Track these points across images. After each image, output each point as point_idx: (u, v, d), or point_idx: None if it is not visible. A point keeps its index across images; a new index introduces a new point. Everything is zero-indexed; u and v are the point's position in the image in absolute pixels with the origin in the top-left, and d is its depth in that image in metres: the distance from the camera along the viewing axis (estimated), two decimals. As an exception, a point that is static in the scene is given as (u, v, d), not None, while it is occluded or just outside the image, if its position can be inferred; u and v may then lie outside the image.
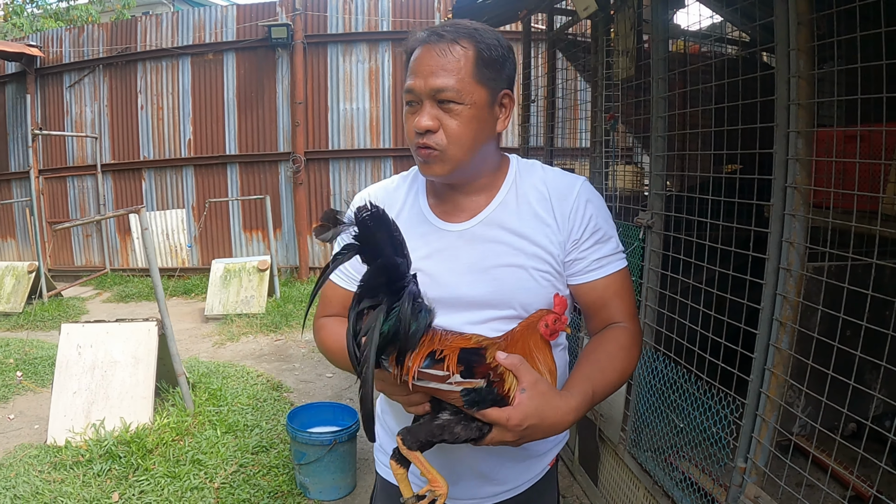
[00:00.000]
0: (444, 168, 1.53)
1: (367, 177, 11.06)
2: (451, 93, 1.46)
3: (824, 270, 2.33)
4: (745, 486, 2.47)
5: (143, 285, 10.67)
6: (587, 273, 1.62)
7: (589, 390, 1.44)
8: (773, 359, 2.39)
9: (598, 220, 1.62)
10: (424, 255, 1.59)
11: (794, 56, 2.22)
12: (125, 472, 4.13)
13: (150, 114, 11.33)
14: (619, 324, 1.63)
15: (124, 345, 4.86)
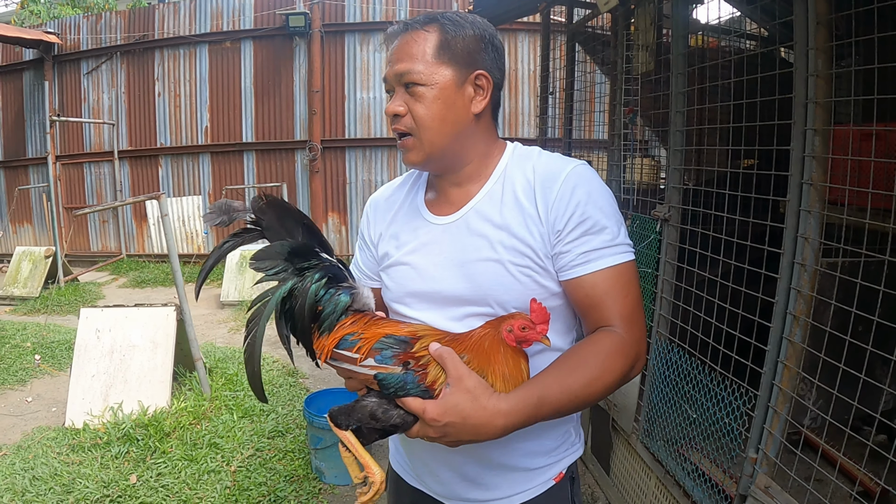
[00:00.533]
0: (419, 155, 1.51)
1: (384, 165, 11.11)
2: (414, 75, 1.46)
3: (838, 266, 2.36)
4: (756, 477, 2.50)
5: (158, 271, 10.77)
6: (573, 268, 1.45)
7: (533, 396, 1.29)
8: (785, 352, 2.43)
9: (586, 208, 1.44)
10: (412, 250, 1.59)
11: (813, 55, 2.24)
12: (143, 455, 4.21)
13: (167, 101, 11.42)
14: (610, 328, 1.44)
15: (143, 329, 4.93)
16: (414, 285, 1.55)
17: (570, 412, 1.40)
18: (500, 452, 1.52)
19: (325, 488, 4.10)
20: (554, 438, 1.60)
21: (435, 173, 1.62)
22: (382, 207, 1.74)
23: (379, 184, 11.07)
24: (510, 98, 10.95)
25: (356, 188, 11.21)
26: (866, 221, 2.16)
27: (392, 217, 1.69)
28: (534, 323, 1.34)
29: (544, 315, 1.35)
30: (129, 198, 11.22)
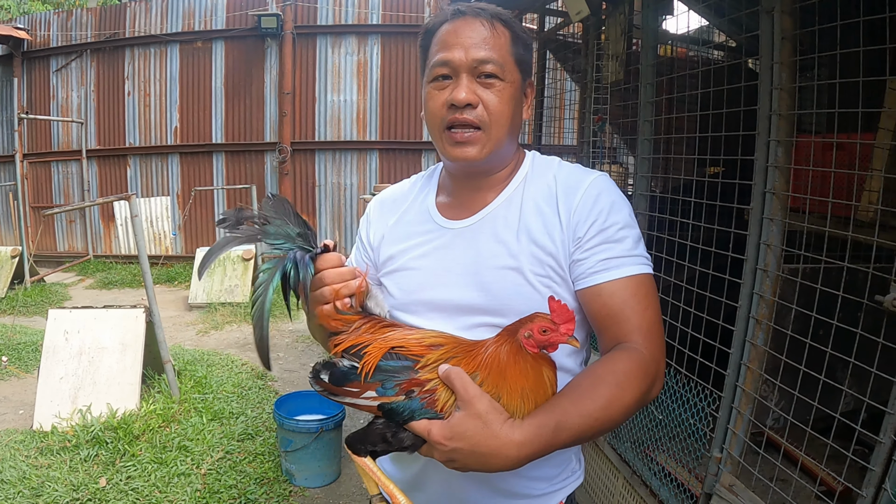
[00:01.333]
0: (484, 150, 1.40)
1: (353, 169, 11.10)
2: (496, 66, 1.37)
3: (799, 272, 2.44)
4: (721, 475, 2.58)
5: (126, 272, 10.66)
6: (591, 276, 1.37)
7: (550, 423, 1.17)
8: (748, 354, 2.51)
9: (609, 216, 1.38)
10: (422, 254, 1.50)
11: (777, 69, 2.33)
12: (112, 458, 4.18)
13: (136, 100, 11.31)
14: (628, 344, 1.33)
15: (112, 331, 4.90)
16: (423, 292, 1.45)
17: (590, 438, 1.27)
18: (502, 478, 1.41)
19: (295, 491, 4.12)
20: (556, 465, 1.50)
21: (469, 174, 1.50)
22: (388, 209, 1.65)
23: (348, 187, 11.09)
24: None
25: (325, 191, 11.19)
26: (826, 229, 2.24)
27: (398, 219, 1.60)
28: (556, 323, 1.21)
29: (567, 313, 1.21)
30: (97, 198, 11.11)
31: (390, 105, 10.98)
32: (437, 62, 1.39)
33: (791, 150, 2.41)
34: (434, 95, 1.41)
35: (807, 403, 2.24)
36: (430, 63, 1.42)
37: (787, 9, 2.31)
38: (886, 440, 1.92)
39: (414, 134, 11.04)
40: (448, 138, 1.40)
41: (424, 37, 1.48)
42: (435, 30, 1.44)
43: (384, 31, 10.81)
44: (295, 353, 7.00)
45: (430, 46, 1.44)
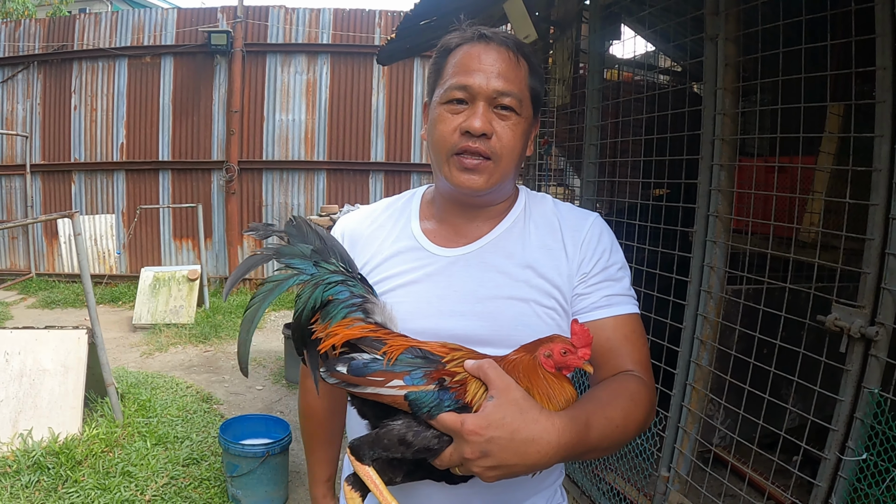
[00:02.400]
0: (490, 180, 1.36)
1: (301, 189, 11.01)
2: (514, 99, 1.34)
3: (742, 293, 2.49)
4: (669, 494, 2.61)
5: (69, 291, 10.38)
6: (595, 310, 1.39)
7: (582, 417, 1.15)
8: (693, 374, 2.56)
9: (611, 255, 1.43)
10: (410, 281, 1.43)
11: (721, 95, 2.39)
12: (54, 484, 4.04)
13: (83, 115, 11.04)
14: (631, 372, 1.36)
15: (54, 353, 4.75)
16: (415, 321, 1.36)
17: (610, 447, 1.25)
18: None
19: (242, 516, 4.04)
20: (545, 498, 1.47)
21: (469, 203, 1.46)
22: (363, 234, 1.56)
23: (296, 207, 10.99)
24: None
25: (272, 210, 11.06)
26: (769, 251, 2.30)
27: (377, 242, 1.53)
28: (575, 347, 1.20)
29: (587, 338, 1.21)
30: (40, 214, 10.83)
31: (339, 125, 10.94)
32: (455, 84, 1.35)
33: (734, 174, 2.47)
34: (446, 118, 1.36)
35: (752, 421, 2.28)
36: (444, 83, 1.38)
37: (730, 36, 2.38)
38: (831, 456, 1.97)
39: (362, 155, 11.00)
40: (456, 163, 1.36)
41: (440, 54, 1.42)
42: (452, 48, 1.40)
43: (334, 50, 10.77)
44: (240, 375, 6.84)
45: (446, 65, 1.40)
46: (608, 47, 3.74)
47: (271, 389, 6.47)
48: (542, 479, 1.44)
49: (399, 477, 1.20)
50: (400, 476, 1.20)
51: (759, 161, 2.76)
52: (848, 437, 1.92)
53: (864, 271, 1.90)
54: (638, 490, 2.95)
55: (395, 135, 11.02)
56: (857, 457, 1.89)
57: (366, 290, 1.31)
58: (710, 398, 2.54)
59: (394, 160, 10.99)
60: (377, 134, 11.00)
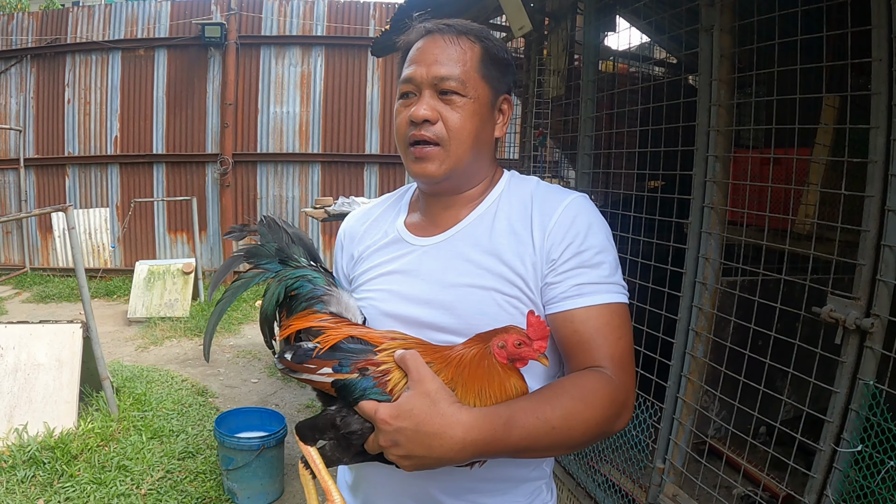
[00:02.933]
0: (442, 167, 1.38)
1: (295, 181, 11.00)
2: (455, 83, 1.35)
3: (737, 285, 2.49)
4: (664, 486, 2.61)
5: (63, 286, 10.36)
6: (563, 301, 1.32)
7: (503, 414, 1.13)
8: (689, 366, 2.56)
9: (585, 239, 1.34)
10: (389, 271, 1.46)
11: (716, 86, 2.38)
12: (50, 479, 4.04)
13: (77, 108, 11.00)
14: (598, 368, 1.28)
15: (48, 347, 4.74)
16: (387, 307, 1.41)
17: (548, 448, 1.21)
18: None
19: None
20: (525, 494, 1.43)
21: (436, 192, 1.48)
22: (359, 232, 1.61)
23: (290, 199, 10.98)
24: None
25: (267, 203, 11.05)
26: (764, 243, 2.30)
27: (369, 237, 1.57)
28: (530, 339, 1.18)
29: (543, 330, 1.19)
30: (34, 208, 10.78)
31: (333, 117, 10.92)
32: (402, 79, 1.41)
33: (729, 165, 2.47)
34: (400, 112, 1.41)
35: (747, 413, 2.29)
36: (401, 77, 1.43)
37: (726, 27, 2.38)
38: (826, 448, 1.97)
39: (356, 147, 10.99)
40: (410, 154, 1.40)
41: (401, 55, 1.47)
42: (408, 47, 1.44)
43: (328, 42, 10.75)
44: (236, 368, 6.88)
45: (403, 63, 1.44)
46: (603, 39, 3.73)
47: (266, 382, 6.47)
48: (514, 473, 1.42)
49: (346, 458, 1.23)
50: (347, 457, 1.23)
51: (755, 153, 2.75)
52: (843, 428, 1.93)
53: (860, 263, 1.90)
54: (633, 482, 2.96)
55: (390, 127, 10.99)
56: (852, 448, 1.89)
57: (328, 283, 1.39)
58: (706, 390, 2.55)
59: (388, 152, 10.99)
60: (372, 126, 10.99)
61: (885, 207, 1.83)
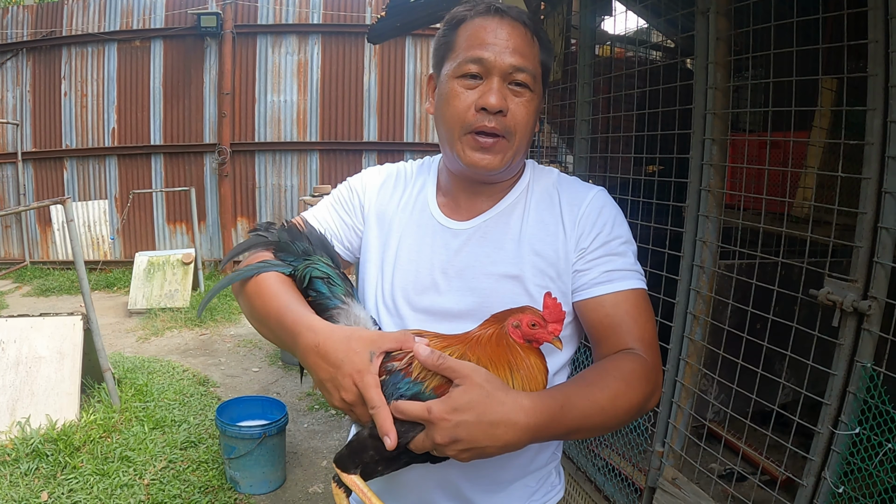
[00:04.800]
0: (504, 158, 1.35)
1: (294, 170, 10.99)
2: (528, 76, 1.32)
3: (735, 268, 2.49)
4: (664, 469, 2.62)
5: (64, 279, 10.36)
6: (594, 287, 1.36)
7: (558, 397, 1.14)
8: (687, 349, 2.57)
9: (612, 229, 1.40)
10: (416, 249, 1.44)
11: (712, 69, 2.38)
12: (53, 471, 4.06)
13: (73, 101, 10.96)
14: (632, 350, 1.32)
15: (49, 340, 4.75)
16: (412, 293, 1.41)
17: (595, 428, 1.23)
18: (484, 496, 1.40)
19: (240, 498, 4.06)
20: (537, 479, 1.47)
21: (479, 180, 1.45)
22: (390, 186, 1.56)
23: (289, 188, 10.98)
24: (421, 102, 11.00)
25: (265, 193, 11.05)
26: (761, 225, 2.30)
27: (398, 202, 1.53)
28: (545, 321, 1.19)
29: (559, 313, 1.20)
30: (32, 201, 10.77)
31: (331, 105, 10.90)
32: (469, 58, 1.32)
33: (726, 148, 2.46)
34: (459, 93, 1.33)
35: (746, 396, 2.30)
36: (456, 56, 1.35)
37: (722, 10, 2.37)
38: (824, 430, 1.98)
39: (354, 134, 10.98)
40: (470, 142, 1.34)
41: (450, 25, 1.39)
42: (464, 20, 1.36)
43: (325, 30, 10.71)
44: (237, 357, 6.91)
45: (457, 38, 1.36)
46: (599, 23, 3.72)
47: (267, 371, 6.50)
48: (530, 460, 1.44)
49: (381, 466, 1.19)
50: (381, 466, 1.19)
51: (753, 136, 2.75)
52: (841, 411, 1.93)
53: (857, 245, 1.90)
54: (633, 465, 2.97)
55: (388, 114, 10.99)
56: (850, 431, 1.90)
57: (346, 292, 1.34)
58: (704, 373, 2.55)
59: (386, 139, 11.00)
60: (369, 113, 10.97)
61: (882, 189, 1.83)
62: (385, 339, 1.18)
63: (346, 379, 1.13)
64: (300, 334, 1.21)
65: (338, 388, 1.14)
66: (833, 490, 1.93)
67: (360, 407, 1.14)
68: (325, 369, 1.16)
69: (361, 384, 1.12)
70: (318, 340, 1.18)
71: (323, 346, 1.16)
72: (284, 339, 1.27)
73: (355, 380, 1.13)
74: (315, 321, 1.24)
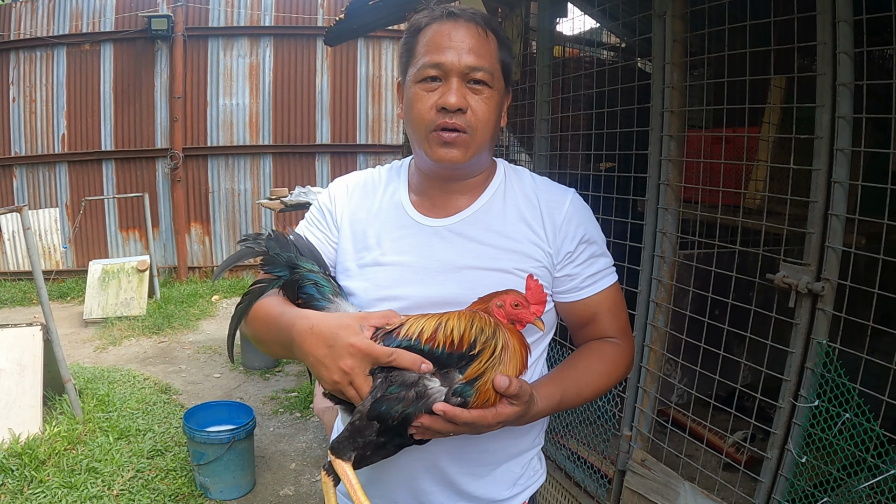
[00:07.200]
0: (467, 154, 1.41)
1: (247, 174, 10.93)
2: (486, 74, 1.38)
3: (694, 257, 2.61)
4: (632, 452, 2.73)
5: (15, 290, 10.12)
6: (580, 290, 1.50)
7: (556, 396, 1.37)
8: (650, 336, 2.68)
9: (591, 233, 1.52)
10: (397, 250, 1.49)
11: (669, 69, 2.48)
12: (20, 486, 4.00)
13: (22, 107, 10.68)
14: (610, 339, 1.54)
15: (8, 352, 4.67)
16: (398, 288, 1.45)
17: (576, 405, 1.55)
18: (470, 479, 1.48)
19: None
20: (521, 465, 1.56)
21: (448, 177, 1.51)
22: (357, 194, 1.61)
23: (243, 192, 10.92)
24: (374, 104, 11.06)
25: (219, 197, 10.95)
26: (717, 216, 2.41)
27: (368, 209, 1.58)
28: (528, 302, 1.26)
29: (541, 295, 1.28)
30: (-20, 212, 10.50)
31: (283, 108, 10.86)
32: (427, 63, 1.39)
33: (683, 144, 2.57)
34: (422, 96, 1.40)
35: (709, 379, 2.41)
36: (417, 62, 1.41)
37: (678, 13, 2.48)
38: (785, 404, 2.10)
39: (307, 137, 10.97)
40: (435, 138, 1.40)
41: (411, 33, 1.46)
42: (422, 27, 1.43)
43: (277, 32, 10.66)
44: (197, 364, 6.87)
45: (417, 44, 1.43)
46: (556, 25, 3.80)
47: (229, 377, 6.48)
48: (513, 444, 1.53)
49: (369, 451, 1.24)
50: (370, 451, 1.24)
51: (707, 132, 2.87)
52: (800, 386, 2.05)
53: (809, 231, 2.02)
54: (599, 453, 3.07)
55: (341, 116, 11.00)
56: (809, 403, 2.01)
57: (334, 292, 1.44)
58: (668, 358, 2.66)
59: (340, 141, 11.02)
60: (322, 116, 10.97)
61: (832, 179, 1.96)
62: (372, 316, 1.29)
63: (343, 348, 1.21)
64: (294, 325, 1.29)
65: (336, 360, 1.21)
66: (797, 460, 2.05)
67: (359, 377, 1.21)
68: (320, 347, 1.23)
69: (362, 346, 1.20)
70: (312, 323, 1.26)
71: (317, 327, 1.25)
72: (284, 339, 1.33)
73: (354, 345, 1.20)
74: (307, 311, 1.34)
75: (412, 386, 1.19)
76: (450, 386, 1.19)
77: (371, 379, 1.21)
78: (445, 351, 1.20)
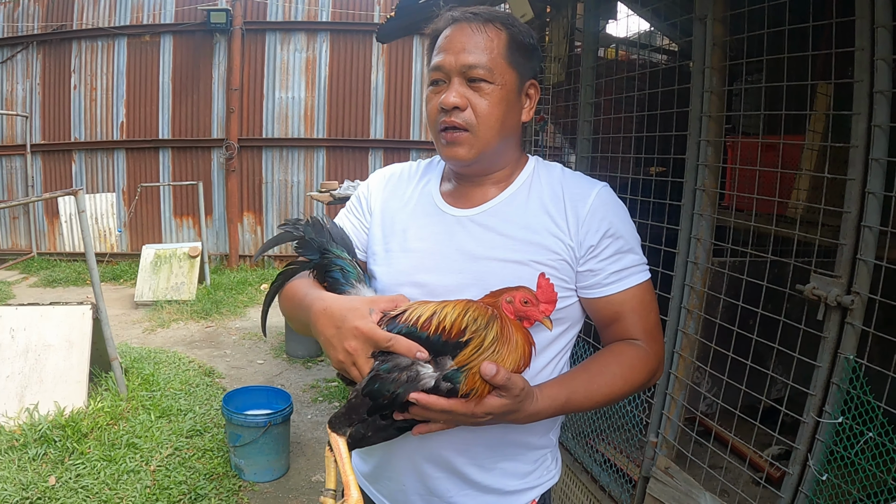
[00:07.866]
0: (471, 151, 1.44)
1: (300, 166, 11.08)
2: (483, 70, 1.40)
3: (727, 265, 2.58)
4: (657, 459, 2.71)
5: (70, 270, 10.45)
6: (603, 287, 1.46)
7: (561, 397, 1.34)
8: (681, 343, 2.65)
9: (617, 227, 1.47)
10: (420, 237, 1.53)
11: (708, 73, 2.45)
12: (61, 456, 4.14)
13: (83, 94, 11.04)
14: (634, 341, 1.48)
15: (58, 328, 4.83)
16: (416, 275, 1.50)
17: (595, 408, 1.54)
18: (477, 470, 1.49)
19: (244, 485, 4.14)
20: (532, 462, 1.56)
21: (467, 173, 1.55)
22: (392, 184, 1.68)
23: (295, 184, 11.07)
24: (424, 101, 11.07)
25: (272, 188, 11.14)
26: (751, 224, 2.38)
27: (401, 198, 1.64)
28: (537, 300, 1.26)
29: (551, 294, 1.27)
30: (41, 193, 10.87)
31: (338, 103, 10.98)
32: (432, 67, 1.46)
33: (720, 150, 2.54)
34: (431, 99, 1.47)
35: (737, 389, 2.38)
36: (429, 68, 1.50)
37: (718, 16, 2.45)
38: (809, 420, 2.06)
39: (361, 132, 11.07)
40: (442, 138, 1.46)
41: (430, 42, 1.51)
42: (436, 35, 1.49)
43: (333, 28, 10.79)
44: (242, 350, 6.99)
45: (433, 52, 1.49)
46: (604, 26, 3.79)
47: (272, 364, 6.58)
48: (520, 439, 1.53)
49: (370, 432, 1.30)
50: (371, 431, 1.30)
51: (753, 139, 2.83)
52: (825, 401, 2.01)
53: (841, 242, 1.98)
54: (627, 457, 3.05)
55: (395, 112, 11.06)
56: (833, 420, 1.97)
57: (358, 278, 1.50)
58: (697, 366, 2.63)
59: (393, 137, 11.07)
60: (376, 111, 11.05)
61: (866, 190, 1.91)
62: (381, 299, 1.36)
63: (349, 330, 1.27)
64: (312, 305, 1.37)
65: (342, 340, 1.28)
66: (817, 477, 2.01)
67: (361, 358, 1.26)
68: (330, 326, 1.31)
69: (365, 329, 1.26)
70: (326, 304, 1.34)
71: (329, 308, 1.33)
72: (305, 318, 1.41)
73: (358, 328, 1.26)
74: (325, 293, 1.42)
75: (405, 369, 1.22)
76: (441, 371, 1.22)
77: (373, 361, 1.26)
78: (441, 338, 1.22)
